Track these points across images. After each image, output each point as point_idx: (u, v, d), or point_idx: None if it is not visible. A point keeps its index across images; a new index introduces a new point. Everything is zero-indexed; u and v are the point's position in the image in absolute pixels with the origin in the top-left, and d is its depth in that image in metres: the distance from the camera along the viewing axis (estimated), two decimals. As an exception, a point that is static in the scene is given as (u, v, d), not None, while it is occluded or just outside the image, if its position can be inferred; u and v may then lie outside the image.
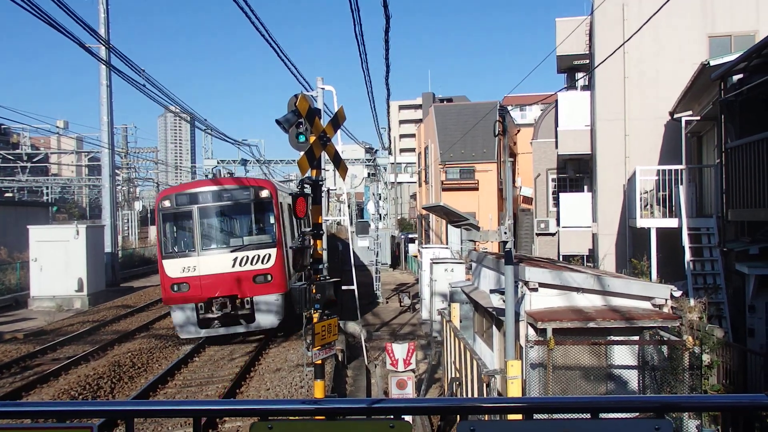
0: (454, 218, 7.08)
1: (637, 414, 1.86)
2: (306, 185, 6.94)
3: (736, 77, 9.58)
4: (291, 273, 13.28)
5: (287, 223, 13.98)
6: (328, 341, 6.70)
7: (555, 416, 1.65)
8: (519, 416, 1.70)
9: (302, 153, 6.76)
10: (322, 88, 14.88)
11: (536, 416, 1.60)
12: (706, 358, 7.65)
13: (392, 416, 1.78)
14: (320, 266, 6.88)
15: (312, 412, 1.82)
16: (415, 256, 25.95)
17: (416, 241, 31.20)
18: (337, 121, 7.45)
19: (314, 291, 6.57)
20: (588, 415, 1.53)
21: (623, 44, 9.54)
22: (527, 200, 24.80)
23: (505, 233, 6.29)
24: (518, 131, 28.60)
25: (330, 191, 19.39)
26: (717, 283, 10.57)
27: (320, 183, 7.16)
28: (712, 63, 9.84)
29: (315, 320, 6.55)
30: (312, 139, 6.75)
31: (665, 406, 1.59)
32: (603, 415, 1.59)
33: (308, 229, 6.93)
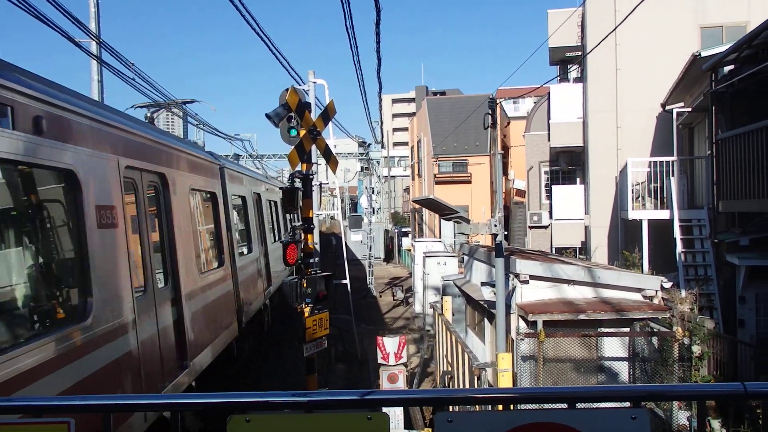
0: (443, 211, 7.06)
1: (629, 404, 1.85)
2: (297, 179, 6.90)
3: (727, 68, 9.58)
4: None
5: None
6: (319, 336, 6.68)
7: (533, 406, 1.63)
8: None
9: (292, 147, 6.72)
10: (314, 82, 14.78)
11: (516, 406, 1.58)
12: (696, 349, 7.69)
13: (382, 408, 1.76)
14: (311, 260, 6.85)
15: (301, 404, 1.79)
16: (409, 250, 25.96)
17: (409, 235, 31.22)
18: (327, 114, 7.39)
19: (305, 285, 6.55)
20: (566, 405, 1.51)
21: (614, 30, 9.54)
22: (520, 193, 24.83)
23: (495, 225, 6.27)
24: (508, 123, 28.57)
25: (323, 185, 19.34)
26: (708, 275, 10.63)
27: (311, 177, 7.12)
28: (704, 54, 9.83)
29: (306, 315, 6.53)
30: (302, 133, 6.71)
31: (642, 395, 1.57)
32: (584, 405, 1.57)
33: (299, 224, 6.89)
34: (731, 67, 9.47)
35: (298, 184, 6.88)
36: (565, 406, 1.54)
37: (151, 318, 5.07)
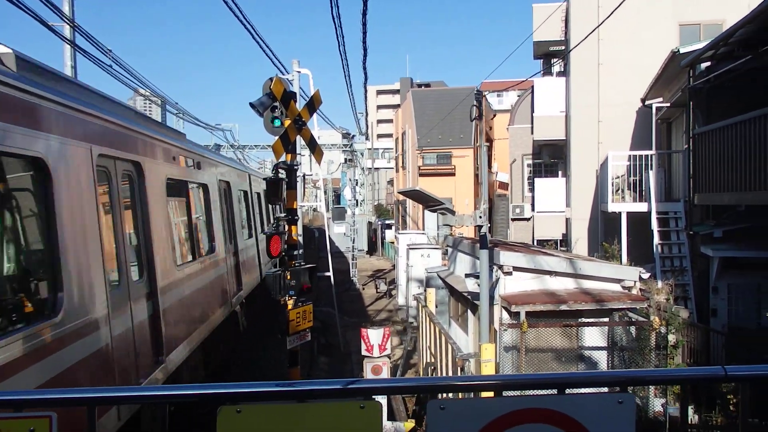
0: (429, 203, 7.09)
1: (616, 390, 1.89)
2: (281, 170, 6.84)
3: (704, 65, 9.78)
4: None
5: None
6: (302, 328, 6.67)
7: (523, 393, 1.67)
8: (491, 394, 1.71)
9: (277, 137, 6.64)
10: (298, 72, 14.61)
11: (505, 393, 1.61)
12: (671, 338, 7.90)
13: (362, 397, 1.77)
14: (295, 252, 6.82)
15: (286, 394, 1.78)
16: (392, 242, 26.02)
17: (393, 227, 31.27)
18: (313, 104, 7.32)
19: (288, 277, 6.52)
20: (555, 391, 1.54)
21: (597, 27, 9.64)
22: (503, 186, 25.04)
23: (480, 217, 6.33)
24: (494, 116, 28.73)
25: (306, 177, 19.23)
26: (683, 266, 10.90)
27: (295, 168, 7.06)
28: (682, 50, 10.01)
29: (289, 307, 6.51)
30: (287, 122, 6.63)
31: (629, 380, 1.61)
32: (571, 391, 1.61)
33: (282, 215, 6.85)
34: (708, 63, 9.66)
35: (282, 174, 6.81)
36: (552, 391, 1.58)
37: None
